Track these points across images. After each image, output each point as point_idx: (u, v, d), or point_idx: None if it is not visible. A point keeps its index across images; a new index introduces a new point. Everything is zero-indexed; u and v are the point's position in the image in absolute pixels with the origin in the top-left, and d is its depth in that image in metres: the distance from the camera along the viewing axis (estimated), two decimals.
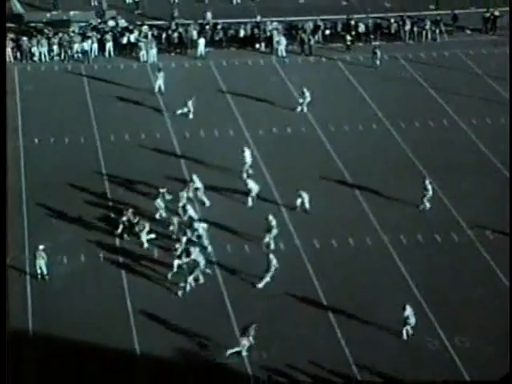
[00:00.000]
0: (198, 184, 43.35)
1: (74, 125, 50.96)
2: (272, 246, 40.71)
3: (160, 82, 54.41)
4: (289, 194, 43.65)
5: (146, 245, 40.38)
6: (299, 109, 52.60)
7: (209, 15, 62.98)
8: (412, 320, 35.29)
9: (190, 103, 51.34)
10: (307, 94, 52.37)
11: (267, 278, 38.40)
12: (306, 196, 42.64)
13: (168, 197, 42.56)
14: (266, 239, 40.75)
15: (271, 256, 38.49)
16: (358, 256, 40.45)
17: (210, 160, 47.29)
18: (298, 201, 42.84)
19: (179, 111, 51.56)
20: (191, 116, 51.54)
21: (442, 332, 36.08)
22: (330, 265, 39.73)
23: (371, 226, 42.57)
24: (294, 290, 37.99)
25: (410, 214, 43.38)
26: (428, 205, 43.72)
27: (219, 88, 55.78)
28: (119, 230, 41.16)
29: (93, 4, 66.15)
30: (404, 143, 49.76)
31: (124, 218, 41.15)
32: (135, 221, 40.96)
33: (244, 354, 34.11)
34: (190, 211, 41.79)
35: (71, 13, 62.99)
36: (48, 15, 63.28)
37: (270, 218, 40.87)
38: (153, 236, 40.60)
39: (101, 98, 54.16)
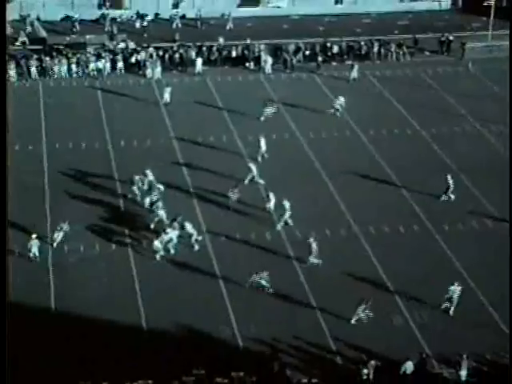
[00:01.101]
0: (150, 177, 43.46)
1: (90, 132, 50.74)
2: (279, 227, 41.09)
3: (167, 95, 54.29)
4: (279, 196, 43.02)
5: (55, 244, 39.83)
6: (338, 114, 52.93)
7: (221, 40, 62.95)
8: (455, 296, 35.48)
9: (270, 109, 51.98)
10: (342, 99, 52.98)
11: (313, 259, 38.38)
12: (272, 198, 42.09)
13: (140, 184, 42.75)
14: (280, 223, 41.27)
15: (311, 240, 38.48)
16: (334, 244, 40.22)
17: (206, 161, 47.22)
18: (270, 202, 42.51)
19: (263, 117, 52.02)
20: (262, 119, 52.00)
21: (405, 309, 36.10)
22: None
23: (345, 219, 42.47)
24: (278, 274, 37.74)
25: (377, 208, 43.30)
26: (452, 196, 43.78)
27: (214, 100, 55.63)
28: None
29: (106, 29, 65.87)
30: (373, 148, 49.66)
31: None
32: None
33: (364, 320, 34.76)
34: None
35: (87, 36, 62.90)
36: (67, 38, 63.16)
37: (284, 201, 41.10)
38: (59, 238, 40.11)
39: (112, 109, 53.98)
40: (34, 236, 38.96)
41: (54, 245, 39.64)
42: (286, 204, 41.23)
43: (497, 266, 38.81)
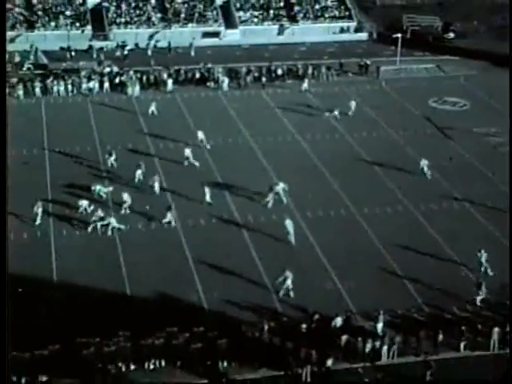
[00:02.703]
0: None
1: (83, 139, 49.88)
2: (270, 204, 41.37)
3: (153, 108, 53.63)
4: (233, 186, 43.40)
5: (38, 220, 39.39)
6: (333, 114, 53.37)
7: (209, 64, 61.68)
8: (483, 259, 35.86)
9: (336, 112, 53.22)
10: (353, 103, 53.74)
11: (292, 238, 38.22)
12: (208, 191, 41.44)
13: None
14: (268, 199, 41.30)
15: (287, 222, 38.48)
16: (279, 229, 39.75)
17: (173, 155, 46.87)
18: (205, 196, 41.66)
19: (331, 113, 53.34)
20: (338, 115, 53.52)
21: (335, 275, 36.04)
22: (259, 235, 39.45)
23: (286, 206, 42.20)
24: (233, 249, 37.76)
25: (310, 196, 43.04)
26: (429, 173, 44.96)
27: (182, 112, 55.09)
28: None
29: (94, 56, 64.85)
30: (308, 148, 49.46)
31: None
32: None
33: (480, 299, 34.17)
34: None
35: (80, 63, 62.07)
36: (64, 64, 62.16)
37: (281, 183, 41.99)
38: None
39: (101, 120, 53.10)
40: None
41: (38, 221, 38.97)
42: (281, 185, 41.64)
43: (405, 241, 38.87)
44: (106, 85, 58.49)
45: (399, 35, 64.29)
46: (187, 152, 45.88)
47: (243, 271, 36.02)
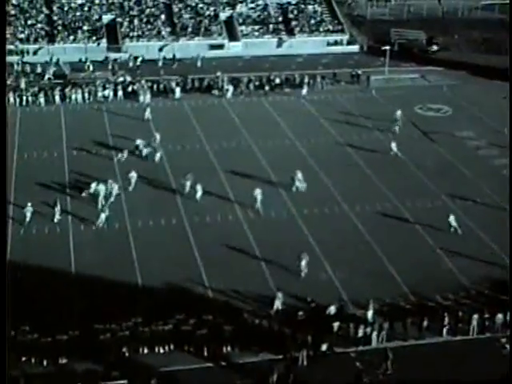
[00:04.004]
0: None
1: (98, 141, 49.52)
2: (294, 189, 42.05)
3: (148, 114, 53.50)
4: (235, 184, 43.10)
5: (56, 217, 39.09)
6: (397, 128, 51.83)
7: (218, 73, 61.31)
8: (453, 223, 37.63)
9: (398, 118, 52.28)
10: (399, 115, 52.65)
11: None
12: (199, 188, 41.31)
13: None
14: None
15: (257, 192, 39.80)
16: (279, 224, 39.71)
17: (183, 162, 46.35)
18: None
19: (396, 128, 51.66)
20: (397, 129, 51.69)
21: (329, 267, 35.87)
22: (259, 229, 39.20)
23: (284, 203, 41.93)
24: (236, 246, 37.58)
25: (306, 194, 42.68)
26: (395, 149, 46.95)
27: (189, 117, 54.73)
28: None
29: (109, 67, 64.47)
30: (302, 148, 49.11)
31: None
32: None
33: None
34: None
35: (96, 73, 61.77)
36: (82, 74, 61.79)
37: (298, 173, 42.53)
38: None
39: (114, 124, 52.75)
40: (29, 204, 38.18)
41: (55, 218, 38.73)
42: (299, 174, 42.12)
43: (393, 235, 38.85)
44: (120, 93, 58.21)
45: (387, 48, 64.16)
46: (139, 142, 46.78)
47: (246, 264, 35.88)
